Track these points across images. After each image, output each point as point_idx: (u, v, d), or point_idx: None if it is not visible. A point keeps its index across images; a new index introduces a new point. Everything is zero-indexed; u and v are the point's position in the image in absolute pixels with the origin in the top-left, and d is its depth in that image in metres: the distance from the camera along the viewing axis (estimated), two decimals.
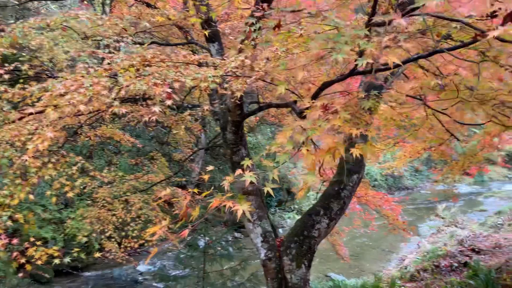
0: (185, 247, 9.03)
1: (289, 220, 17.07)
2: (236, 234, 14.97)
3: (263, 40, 3.15)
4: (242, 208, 1.42)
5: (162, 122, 11.85)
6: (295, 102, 4.26)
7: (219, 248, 6.98)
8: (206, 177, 1.63)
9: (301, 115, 4.31)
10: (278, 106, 4.86)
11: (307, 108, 3.68)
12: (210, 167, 1.76)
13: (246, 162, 1.66)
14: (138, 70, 2.81)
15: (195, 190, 1.56)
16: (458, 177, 9.01)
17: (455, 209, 17.03)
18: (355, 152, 1.65)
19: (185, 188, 14.61)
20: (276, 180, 1.61)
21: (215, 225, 12.12)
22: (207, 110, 4.50)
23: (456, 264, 8.53)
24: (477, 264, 7.62)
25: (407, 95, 5.79)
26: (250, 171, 5.59)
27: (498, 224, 12.59)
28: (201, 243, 7.33)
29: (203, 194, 1.62)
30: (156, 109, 2.34)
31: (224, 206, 1.61)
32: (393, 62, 1.93)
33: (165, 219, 5.84)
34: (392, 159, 14.61)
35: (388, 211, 8.31)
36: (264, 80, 2.98)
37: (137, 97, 6.06)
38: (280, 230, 13.46)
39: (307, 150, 1.65)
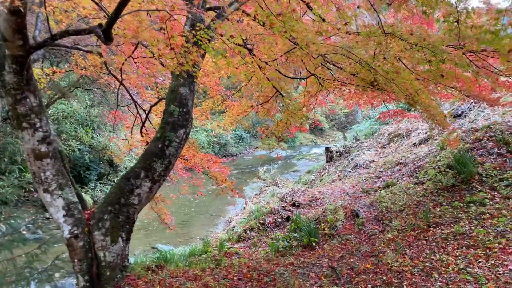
0: None
1: None
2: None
3: None
4: None
5: None
6: (100, 25, 3.20)
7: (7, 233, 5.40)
8: None
9: (109, 38, 3.29)
10: (77, 34, 3.67)
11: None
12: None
13: None
14: None
15: None
16: (276, 143, 9.36)
17: (274, 170, 18.44)
18: None
19: None
20: None
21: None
22: None
23: (279, 220, 8.87)
24: (299, 217, 7.98)
25: (236, 44, 5.30)
26: (44, 133, 4.16)
27: (311, 180, 13.93)
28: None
29: None
30: None
31: None
32: None
33: None
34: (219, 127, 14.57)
35: (217, 173, 7.96)
36: None
37: None
38: None
39: None
